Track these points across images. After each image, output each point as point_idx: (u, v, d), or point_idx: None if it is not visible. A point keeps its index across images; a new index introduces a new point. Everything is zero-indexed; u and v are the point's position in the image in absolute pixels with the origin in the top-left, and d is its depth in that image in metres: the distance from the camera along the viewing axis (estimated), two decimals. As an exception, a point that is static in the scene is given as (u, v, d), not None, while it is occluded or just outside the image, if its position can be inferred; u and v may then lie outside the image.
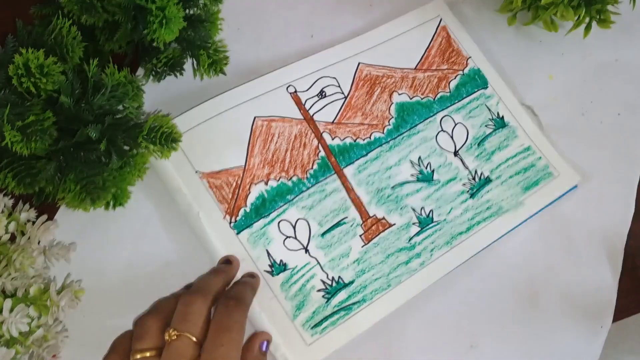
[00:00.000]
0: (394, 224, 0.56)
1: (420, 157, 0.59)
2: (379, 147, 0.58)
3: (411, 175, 0.58)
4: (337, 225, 0.55)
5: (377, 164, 0.57)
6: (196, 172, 0.53)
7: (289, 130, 0.56)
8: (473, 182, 0.59)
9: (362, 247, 0.54)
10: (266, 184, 0.54)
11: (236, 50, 0.57)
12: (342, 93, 0.59)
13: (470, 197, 0.58)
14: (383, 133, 0.59)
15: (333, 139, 0.57)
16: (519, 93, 0.64)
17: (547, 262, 0.58)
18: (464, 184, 0.59)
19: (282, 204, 0.54)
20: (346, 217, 0.55)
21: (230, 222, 0.52)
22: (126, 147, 0.48)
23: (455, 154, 0.60)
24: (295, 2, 0.64)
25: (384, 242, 0.55)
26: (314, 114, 0.58)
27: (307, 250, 0.53)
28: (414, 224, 0.56)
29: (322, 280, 0.53)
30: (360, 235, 0.55)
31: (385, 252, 0.55)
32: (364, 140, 0.58)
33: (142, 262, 0.52)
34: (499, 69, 0.65)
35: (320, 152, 0.56)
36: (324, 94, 0.59)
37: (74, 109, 0.46)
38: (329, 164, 0.56)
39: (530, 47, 0.67)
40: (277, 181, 0.54)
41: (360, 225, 0.55)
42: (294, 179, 0.55)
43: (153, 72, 0.54)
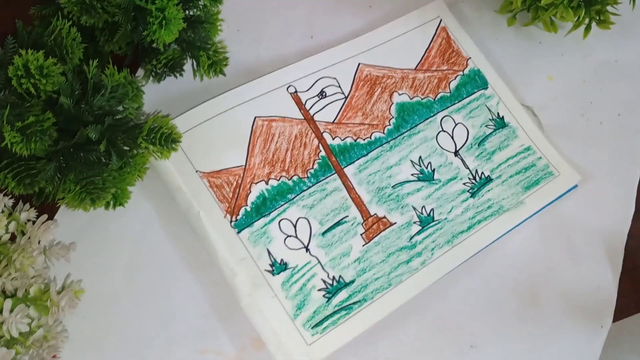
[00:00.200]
0: (395, 222, 0.56)
1: (420, 157, 0.59)
2: (379, 147, 0.58)
3: (412, 174, 0.58)
4: (337, 224, 0.55)
5: (377, 164, 0.57)
6: (196, 172, 0.53)
7: (289, 130, 0.56)
8: (474, 181, 0.59)
9: (362, 246, 0.54)
10: (267, 183, 0.54)
11: (236, 51, 0.57)
12: (343, 93, 0.59)
13: (471, 197, 0.58)
14: (383, 133, 0.59)
15: (333, 139, 0.57)
16: (519, 93, 0.65)
17: (547, 262, 0.58)
18: (464, 184, 0.59)
19: (282, 203, 0.54)
20: (347, 216, 0.55)
21: (231, 221, 0.52)
22: (126, 148, 0.48)
23: (456, 153, 0.60)
24: (295, 2, 0.64)
25: (384, 241, 0.55)
26: (314, 114, 0.58)
27: (307, 249, 0.53)
28: (414, 222, 0.56)
29: (322, 279, 0.53)
30: (361, 234, 0.55)
31: (386, 251, 0.54)
32: (364, 140, 0.58)
33: (142, 262, 0.52)
34: (499, 70, 0.65)
35: (320, 151, 0.56)
36: (324, 94, 0.59)
37: (73, 109, 0.46)
38: (330, 163, 0.56)
39: (530, 47, 0.67)
40: (278, 180, 0.54)
41: (361, 224, 0.55)
42: (295, 178, 0.55)
43: (153, 73, 0.54)
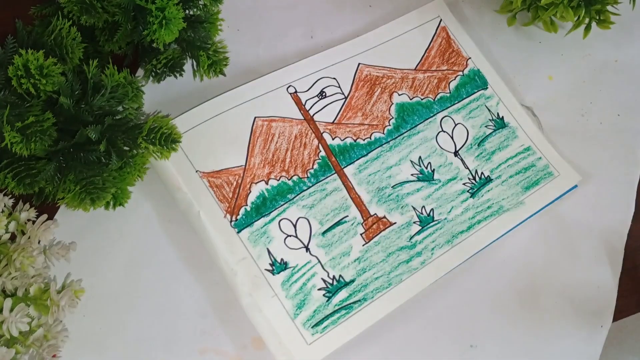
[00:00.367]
0: (395, 222, 0.56)
1: (420, 157, 0.59)
2: (379, 147, 0.58)
3: (412, 174, 0.58)
4: (337, 224, 0.55)
5: (377, 164, 0.57)
6: (196, 172, 0.53)
7: (289, 131, 0.56)
8: (473, 181, 0.59)
9: (362, 245, 0.54)
10: (267, 183, 0.54)
11: (236, 51, 0.57)
12: (342, 93, 0.59)
13: (470, 197, 0.58)
14: (383, 133, 0.59)
15: (333, 139, 0.57)
16: (519, 94, 0.65)
17: (547, 262, 0.58)
18: (464, 184, 0.59)
19: (282, 203, 0.54)
20: (347, 216, 0.55)
21: (231, 221, 0.52)
22: (126, 148, 0.48)
23: (456, 154, 0.60)
24: (295, 2, 0.64)
25: (384, 240, 0.55)
26: (314, 114, 0.58)
27: (307, 249, 0.53)
28: (414, 222, 0.56)
29: (322, 279, 0.53)
30: (361, 234, 0.55)
31: (386, 250, 0.54)
32: (364, 140, 0.58)
33: (142, 262, 0.52)
34: (499, 70, 0.65)
35: (320, 152, 0.56)
36: (324, 94, 0.59)
37: (73, 109, 0.46)
38: (330, 163, 0.56)
39: (530, 47, 0.67)
40: (278, 180, 0.54)
41: (361, 224, 0.55)
42: (295, 178, 0.55)
43: (153, 73, 0.54)
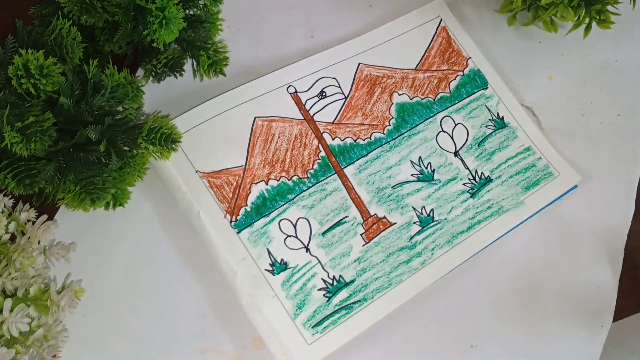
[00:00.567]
0: (395, 223, 0.56)
1: (420, 157, 0.59)
2: (379, 147, 0.58)
3: (412, 175, 0.58)
4: (337, 224, 0.55)
5: (377, 164, 0.57)
6: (196, 172, 0.53)
7: (289, 131, 0.56)
8: (473, 182, 0.59)
9: (363, 246, 0.54)
10: (267, 184, 0.54)
11: (236, 51, 0.57)
12: (343, 93, 0.59)
13: (470, 197, 0.58)
14: (383, 133, 0.59)
15: (333, 139, 0.57)
16: (519, 93, 0.65)
17: (547, 262, 0.58)
18: (464, 184, 0.59)
19: (282, 203, 0.54)
20: (347, 216, 0.55)
21: (231, 221, 0.52)
22: (126, 148, 0.48)
23: (456, 154, 0.60)
24: (295, 2, 0.64)
25: (384, 241, 0.55)
26: (314, 114, 0.58)
27: (307, 249, 0.53)
28: (414, 223, 0.56)
29: (323, 279, 0.53)
30: (361, 234, 0.55)
31: (386, 251, 0.54)
32: (364, 140, 0.58)
33: (142, 262, 0.52)
34: (499, 70, 0.65)
35: (320, 152, 0.56)
36: (324, 94, 0.59)
37: (73, 109, 0.46)
38: (330, 163, 0.56)
39: (530, 47, 0.67)
40: (278, 181, 0.54)
41: (361, 224, 0.55)
42: (295, 178, 0.55)
43: (153, 73, 0.54)
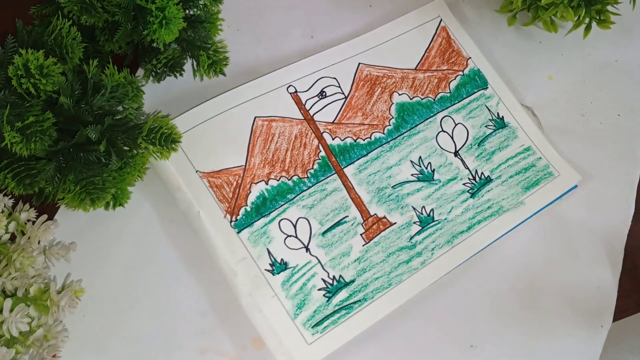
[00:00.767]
0: (395, 222, 0.56)
1: (420, 157, 0.59)
2: (379, 147, 0.58)
3: (412, 175, 0.58)
4: (337, 224, 0.55)
5: (377, 164, 0.57)
6: (196, 172, 0.53)
7: (289, 130, 0.56)
8: (473, 182, 0.59)
9: (363, 246, 0.54)
10: (267, 184, 0.54)
11: (236, 51, 0.57)
12: (343, 93, 0.59)
13: (470, 197, 0.58)
14: (383, 133, 0.59)
15: (333, 139, 0.57)
16: (519, 93, 0.65)
17: (547, 262, 0.58)
18: (464, 184, 0.59)
19: (282, 203, 0.54)
20: (347, 216, 0.55)
21: (231, 221, 0.52)
22: (126, 148, 0.48)
23: (456, 154, 0.60)
24: (295, 2, 0.64)
25: (384, 241, 0.55)
26: (314, 114, 0.58)
27: (307, 249, 0.53)
28: (414, 223, 0.56)
29: (323, 279, 0.53)
30: (361, 234, 0.55)
31: (386, 251, 0.54)
32: (364, 140, 0.58)
33: (142, 262, 0.52)
34: (499, 70, 0.65)
35: (320, 152, 0.56)
36: (324, 94, 0.59)
37: (73, 109, 0.46)
38: (330, 163, 0.56)
39: (530, 47, 0.67)
40: (278, 180, 0.54)
41: (361, 224, 0.55)
42: (295, 178, 0.55)
43: (153, 73, 0.54)
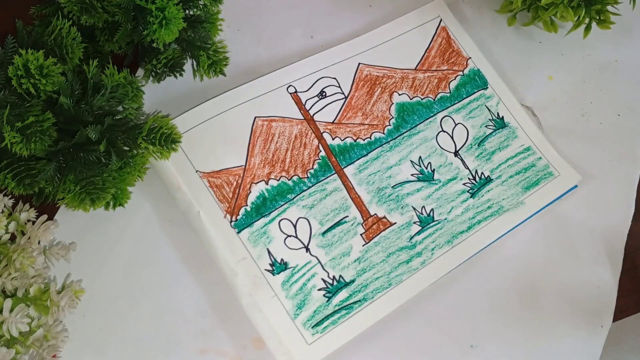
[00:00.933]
0: (395, 222, 0.56)
1: (420, 157, 0.59)
2: (379, 147, 0.58)
3: (412, 175, 0.58)
4: (337, 224, 0.55)
5: (377, 164, 0.57)
6: (196, 172, 0.53)
7: (289, 130, 0.56)
8: (473, 181, 0.59)
9: (363, 246, 0.54)
10: (267, 184, 0.54)
11: (236, 51, 0.57)
12: (343, 93, 0.59)
13: (470, 197, 0.58)
14: (383, 133, 0.59)
15: (333, 139, 0.57)
16: (519, 93, 0.65)
17: (547, 262, 0.58)
18: (464, 184, 0.59)
19: (282, 203, 0.54)
20: (347, 216, 0.55)
21: (231, 221, 0.52)
22: (126, 148, 0.48)
23: (456, 154, 0.60)
24: (295, 2, 0.64)
25: (384, 241, 0.55)
26: (314, 114, 0.58)
27: (307, 249, 0.53)
28: (414, 223, 0.56)
29: (323, 279, 0.53)
30: (361, 234, 0.55)
31: (386, 251, 0.54)
32: (364, 140, 0.58)
33: (142, 262, 0.52)
34: (499, 70, 0.65)
35: (320, 152, 0.56)
36: (324, 94, 0.59)
37: (73, 109, 0.46)
38: (330, 163, 0.56)
39: (530, 47, 0.67)
40: (278, 180, 0.54)
41: (361, 224, 0.55)
42: (295, 178, 0.55)
43: (153, 73, 0.54)
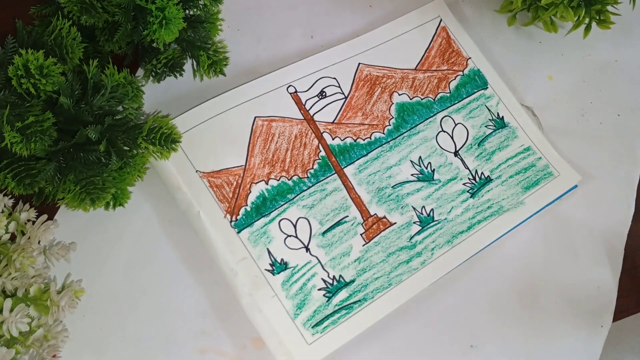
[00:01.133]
0: (395, 222, 0.56)
1: (420, 157, 0.59)
2: (379, 147, 0.58)
3: (412, 174, 0.58)
4: (337, 224, 0.55)
5: (377, 164, 0.57)
6: (196, 172, 0.53)
7: (289, 130, 0.56)
8: (473, 181, 0.59)
9: (363, 245, 0.54)
10: (267, 183, 0.54)
11: (236, 51, 0.57)
12: (343, 93, 0.59)
13: (470, 197, 0.58)
14: (383, 133, 0.59)
15: (333, 139, 0.57)
16: (519, 93, 0.65)
17: (547, 262, 0.58)
18: (464, 184, 0.59)
19: (282, 203, 0.54)
20: (347, 216, 0.55)
21: (231, 221, 0.52)
22: (126, 148, 0.48)
23: (456, 154, 0.60)
24: (295, 2, 0.64)
25: (384, 241, 0.55)
26: (314, 114, 0.58)
27: (308, 249, 0.53)
28: (414, 222, 0.56)
29: (323, 279, 0.53)
30: (361, 234, 0.55)
31: (386, 251, 0.54)
32: (364, 140, 0.58)
33: (142, 262, 0.52)
34: (499, 70, 0.65)
35: (320, 151, 0.56)
36: (324, 94, 0.59)
37: (73, 109, 0.46)
38: (330, 163, 0.56)
39: (530, 47, 0.67)
40: (278, 180, 0.54)
41: (361, 224, 0.55)
42: (295, 178, 0.55)
43: (153, 73, 0.54)
